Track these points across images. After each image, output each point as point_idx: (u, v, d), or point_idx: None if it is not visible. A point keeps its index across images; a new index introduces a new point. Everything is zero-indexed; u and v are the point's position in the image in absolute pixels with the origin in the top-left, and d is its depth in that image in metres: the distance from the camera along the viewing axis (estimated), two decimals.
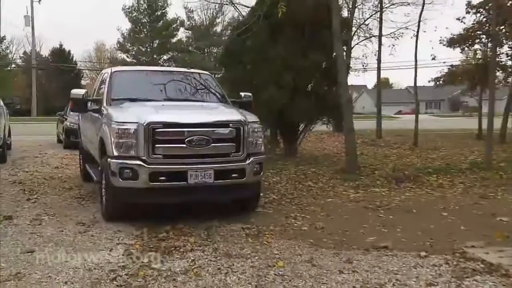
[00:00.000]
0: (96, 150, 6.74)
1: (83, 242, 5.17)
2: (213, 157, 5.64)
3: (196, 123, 5.70)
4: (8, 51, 57.66)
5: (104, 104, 6.59)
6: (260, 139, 6.18)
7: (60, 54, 53.84)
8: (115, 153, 5.50)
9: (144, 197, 5.56)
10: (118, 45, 59.49)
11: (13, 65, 58.27)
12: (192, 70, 8.26)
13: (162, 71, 9.13)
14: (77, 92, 7.30)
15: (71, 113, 13.48)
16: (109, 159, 5.55)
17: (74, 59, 56.22)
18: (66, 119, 15.77)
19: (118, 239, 5.20)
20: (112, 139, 5.55)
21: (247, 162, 5.77)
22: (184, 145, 5.45)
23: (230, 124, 5.78)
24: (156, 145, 5.41)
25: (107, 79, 7.18)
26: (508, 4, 17.22)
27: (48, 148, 15.60)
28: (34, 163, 11.74)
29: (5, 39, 54.35)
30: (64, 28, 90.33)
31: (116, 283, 3.97)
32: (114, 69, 7.91)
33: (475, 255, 4.73)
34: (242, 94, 7.61)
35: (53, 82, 51.56)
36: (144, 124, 5.36)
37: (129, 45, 58.84)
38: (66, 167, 11.19)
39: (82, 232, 5.54)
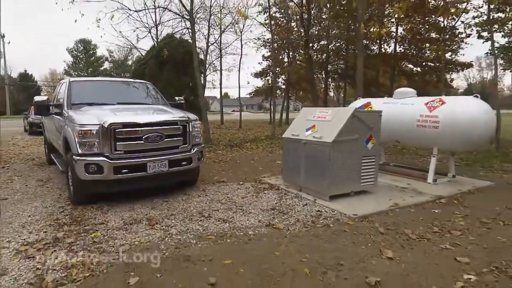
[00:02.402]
0: (60, 146, 4.71)
1: (42, 191, 4.44)
2: (166, 149, 4.11)
3: (151, 122, 4.05)
4: None
5: (65, 108, 4.51)
6: (200, 133, 4.63)
7: (25, 76, 44.99)
8: (80, 151, 3.76)
9: (108, 187, 3.87)
10: (65, 71, 52.81)
11: None
12: (136, 80, 6.00)
13: (112, 80, 6.32)
14: (39, 98, 4.95)
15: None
16: (74, 156, 3.79)
17: (35, 79, 47.19)
18: (29, 116, 13.96)
19: (67, 189, 4.39)
20: (76, 139, 3.79)
21: (193, 152, 4.34)
22: (142, 141, 3.91)
23: (178, 122, 4.24)
24: (118, 143, 3.80)
25: (66, 87, 4.97)
26: (279, 58, 18.98)
27: (18, 135, 13.07)
28: (7, 144, 9.68)
29: None
30: (27, 59, 72.95)
31: (64, 213, 3.57)
32: (72, 79, 5.44)
33: (265, 181, 5.20)
34: (177, 98, 5.73)
35: (20, 94, 43.84)
36: (106, 125, 3.74)
37: (72, 71, 52.39)
38: (31, 147, 9.38)
39: (41, 185, 4.76)
